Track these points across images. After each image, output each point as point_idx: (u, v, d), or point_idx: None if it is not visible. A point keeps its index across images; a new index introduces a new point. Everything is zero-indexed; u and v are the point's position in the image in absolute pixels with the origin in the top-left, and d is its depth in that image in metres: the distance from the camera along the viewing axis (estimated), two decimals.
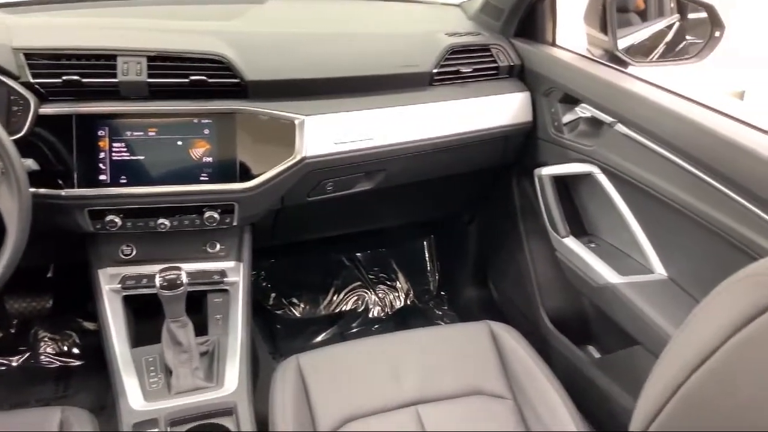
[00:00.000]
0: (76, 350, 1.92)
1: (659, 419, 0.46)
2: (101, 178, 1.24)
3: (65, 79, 1.19)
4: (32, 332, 1.91)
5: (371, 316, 2.23)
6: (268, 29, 1.51)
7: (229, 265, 1.45)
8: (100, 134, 1.23)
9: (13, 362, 1.88)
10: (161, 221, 1.31)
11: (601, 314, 1.42)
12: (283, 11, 1.71)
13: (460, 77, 1.54)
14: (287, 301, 2.19)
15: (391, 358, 1.30)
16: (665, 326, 1.19)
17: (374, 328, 2.18)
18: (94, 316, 1.42)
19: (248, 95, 1.31)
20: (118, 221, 1.28)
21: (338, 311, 2.22)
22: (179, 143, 1.27)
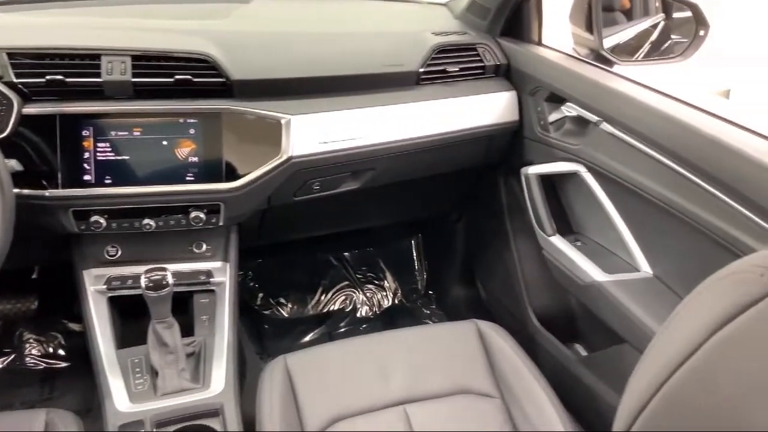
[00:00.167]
0: (61, 352, 1.90)
1: (643, 417, 0.46)
2: (86, 178, 1.23)
3: (49, 78, 1.18)
4: (17, 334, 1.90)
5: (359, 315, 2.22)
6: (253, 28, 1.50)
7: (215, 265, 1.44)
8: (84, 134, 1.22)
9: None
10: (147, 221, 1.30)
11: (587, 312, 1.42)
12: (269, 10, 1.70)
13: (446, 76, 1.54)
14: (275, 301, 2.18)
15: (378, 357, 1.31)
16: (651, 324, 1.19)
17: (362, 327, 2.18)
18: (79, 317, 1.41)
19: (234, 95, 1.30)
20: (102, 222, 1.27)
21: (326, 311, 2.22)
22: (164, 143, 1.26)
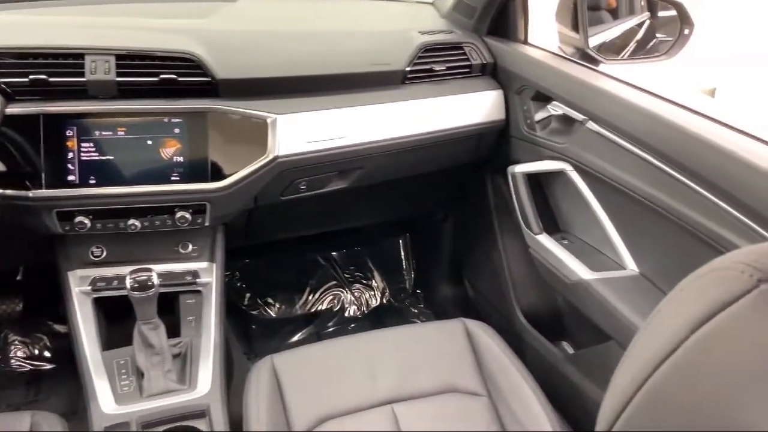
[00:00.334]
0: (47, 354, 1.89)
1: (626, 414, 0.47)
2: (70, 178, 1.21)
3: (32, 78, 1.17)
4: (2, 336, 1.88)
5: (347, 315, 2.22)
6: (239, 27, 1.49)
7: (201, 265, 1.43)
8: (68, 134, 1.21)
9: None
10: (132, 222, 1.29)
11: (574, 310, 1.43)
12: (254, 9, 1.70)
13: (433, 75, 1.54)
14: (262, 301, 2.17)
15: (366, 357, 1.30)
16: (637, 321, 1.20)
17: (350, 327, 2.18)
18: (65, 319, 1.40)
19: (219, 94, 1.29)
20: (87, 222, 1.26)
21: (314, 311, 2.21)
22: (149, 143, 1.25)
